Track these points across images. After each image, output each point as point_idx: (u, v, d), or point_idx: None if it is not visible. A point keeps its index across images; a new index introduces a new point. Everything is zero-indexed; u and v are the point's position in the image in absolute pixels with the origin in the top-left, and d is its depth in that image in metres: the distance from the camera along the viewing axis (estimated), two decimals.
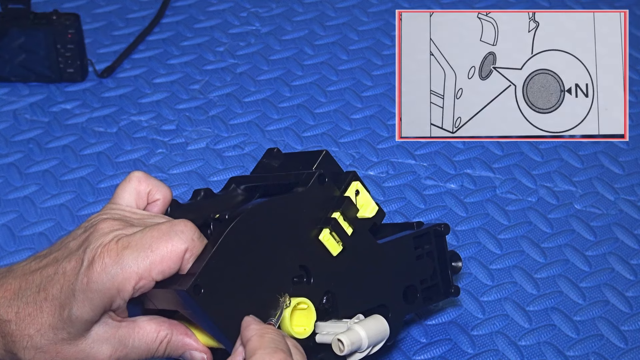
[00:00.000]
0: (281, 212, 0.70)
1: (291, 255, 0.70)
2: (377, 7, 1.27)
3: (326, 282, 0.72)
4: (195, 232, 0.66)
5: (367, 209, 0.76)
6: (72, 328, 0.64)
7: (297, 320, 0.70)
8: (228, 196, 0.77)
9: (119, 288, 0.64)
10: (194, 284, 0.64)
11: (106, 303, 0.64)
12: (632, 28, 1.25)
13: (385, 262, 0.77)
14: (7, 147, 1.06)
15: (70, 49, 1.11)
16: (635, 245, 0.96)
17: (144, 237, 0.64)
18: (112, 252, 0.64)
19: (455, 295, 0.83)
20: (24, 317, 0.65)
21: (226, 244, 0.66)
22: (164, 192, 0.71)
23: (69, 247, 0.66)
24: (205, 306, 0.65)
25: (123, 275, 0.63)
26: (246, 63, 1.18)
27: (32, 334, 0.65)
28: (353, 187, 0.75)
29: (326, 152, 0.76)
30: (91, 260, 0.64)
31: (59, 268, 0.65)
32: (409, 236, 0.80)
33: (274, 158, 0.80)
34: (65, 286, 0.64)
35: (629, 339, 0.87)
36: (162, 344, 0.68)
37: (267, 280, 0.68)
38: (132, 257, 0.64)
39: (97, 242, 0.64)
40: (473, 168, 1.04)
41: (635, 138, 1.09)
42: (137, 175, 0.71)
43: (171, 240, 0.64)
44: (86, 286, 0.63)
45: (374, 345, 0.72)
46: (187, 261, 0.65)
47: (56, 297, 0.64)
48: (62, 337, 0.65)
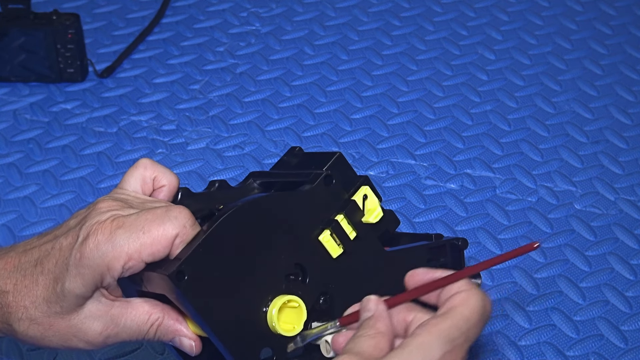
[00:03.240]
0: (280, 208, 0.70)
1: (287, 252, 0.70)
2: (377, 7, 1.27)
3: (323, 283, 0.72)
4: (189, 220, 0.67)
5: (372, 214, 0.76)
6: (65, 302, 0.66)
7: (286, 318, 0.70)
8: (242, 189, 0.77)
9: (109, 266, 0.65)
10: (177, 270, 0.65)
11: (97, 279, 0.66)
12: (632, 28, 1.25)
13: (392, 270, 0.76)
14: (7, 147, 1.06)
15: (70, 49, 1.11)
16: (635, 245, 0.96)
17: (139, 218, 0.66)
18: (105, 230, 0.65)
19: None
20: (20, 289, 0.67)
21: (217, 234, 0.67)
22: (170, 178, 0.73)
23: (68, 224, 0.68)
24: (188, 293, 0.65)
25: (113, 253, 0.65)
26: (246, 63, 1.18)
27: (27, 306, 0.66)
28: (362, 191, 0.75)
29: (340, 154, 0.76)
30: (86, 236, 0.65)
31: (56, 243, 0.67)
32: (421, 247, 0.79)
33: (294, 156, 0.80)
34: (60, 260, 0.66)
35: (629, 339, 0.87)
36: (152, 327, 0.69)
37: (258, 275, 0.69)
38: (124, 236, 0.65)
39: (94, 220, 0.66)
40: (473, 168, 1.04)
41: (635, 138, 1.09)
42: (143, 162, 0.72)
43: (163, 224, 0.65)
44: (79, 261, 0.65)
45: None
46: (177, 247, 0.66)
47: (51, 271, 0.66)
48: (55, 310, 0.66)
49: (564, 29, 1.24)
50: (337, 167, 0.76)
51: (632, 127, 1.10)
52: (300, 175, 0.75)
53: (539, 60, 1.19)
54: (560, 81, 1.16)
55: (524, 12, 1.27)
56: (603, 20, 1.26)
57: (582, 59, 1.19)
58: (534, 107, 1.12)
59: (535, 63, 1.19)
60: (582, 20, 1.26)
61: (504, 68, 1.18)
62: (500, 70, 1.17)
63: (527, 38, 1.22)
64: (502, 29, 1.24)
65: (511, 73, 1.17)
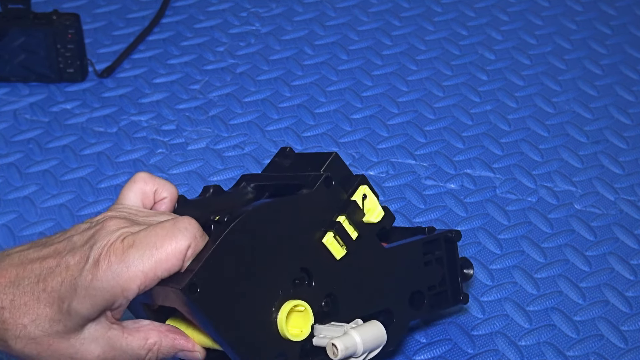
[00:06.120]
0: (284, 214, 0.70)
1: (293, 257, 0.70)
2: (377, 7, 1.27)
3: (328, 286, 0.72)
4: (198, 229, 0.66)
5: (373, 213, 0.76)
6: (70, 322, 0.65)
7: (293, 323, 0.70)
8: (237, 194, 0.77)
9: (123, 287, 0.64)
10: (190, 283, 0.64)
11: (108, 301, 0.65)
12: (632, 28, 1.25)
13: (391, 267, 0.76)
14: (7, 147, 1.06)
15: (70, 49, 1.11)
16: (635, 245, 0.96)
17: (148, 235, 0.65)
18: (117, 251, 0.64)
19: (464, 302, 0.82)
20: (19, 306, 0.65)
21: (225, 244, 0.66)
22: (170, 190, 0.72)
23: (72, 241, 0.67)
24: (201, 305, 0.65)
25: (128, 274, 0.64)
26: (246, 63, 1.18)
27: (26, 324, 0.65)
28: (361, 191, 0.75)
29: (335, 154, 0.76)
30: (97, 258, 0.64)
31: (62, 261, 0.65)
32: (417, 242, 0.79)
33: (285, 157, 0.80)
34: (67, 280, 0.64)
35: (629, 339, 0.87)
36: (151, 352, 0.68)
37: (267, 281, 0.68)
38: (137, 255, 0.64)
39: (104, 241, 0.65)
40: (473, 168, 1.04)
41: (635, 138, 1.09)
42: (142, 176, 0.72)
43: (175, 237, 0.65)
44: (90, 283, 0.64)
45: (370, 352, 0.72)
46: (189, 258, 0.66)
47: (55, 290, 0.65)
48: (57, 329, 0.65)
49: (564, 29, 1.24)
50: (334, 167, 0.75)
51: (632, 127, 1.10)
52: (296, 177, 0.75)
53: (539, 60, 1.19)
54: (560, 81, 1.16)
55: (524, 12, 1.27)
56: (603, 20, 1.26)
57: (582, 59, 1.19)
58: (534, 107, 1.12)
59: (535, 63, 1.19)
60: (582, 20, 1.26)
61: (504, 68, 1.18)
62: (500, 70, 1.17)
63: (527, 38, 1.22)
64: (502, 29, 1.24)
65: (511, 73, 1.17)
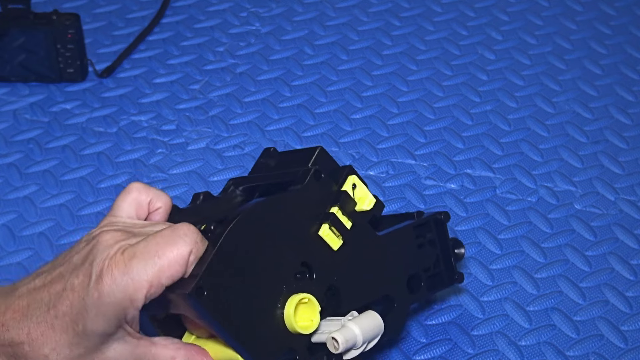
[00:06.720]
0: (279, 210, 0.70)
1: (292, 252, 0.70)
2: (377, 7, 1.27)
3: (329, 277, 0.72)
4: (197, 234, 0.66)
5: (364, 201, 0.76)
6: (89, 342, 0.64)
7: (301, 315, 0.70)
8: (227, 198, 0.77)
9: (132, 298, 0.64)
10: (196, 287, 0.65)
11: (120, 314, 0.64)
12: (632, 28, 1.25)
13: (387, 253, 0.77)
14: (7, 147, 1.06)
15: (70, 49, 1.11)
16: (635, 245, 0.96)
17: (149, 244, 0.64)
18: (119, 264, 0.63)
19: (459, 282, 0.84)
20: (36, 337, 0.64)
21: (226, 245, 0.67)
22: (164, 199, 0.72)
23: (72, 261, 0.66)
24: (209, 307, 0.65)
25: (134, 285, 0.63)
26: (246, 63, 1.18)
27: (47, 354, 0.64)
28: (350, 181, 0.76)
29: (321, 148, 0.77)
30: (99, 274, 0.63)
31: (67, 284, 0.64)
32: (409, 226, 0.81)
33: (270, 157, 0.80)
34: (76, 302, 0.64)
35: (629, 339, 0.87)
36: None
37: (269, 278, 0.69)
38: (140, 266, 0.63)
39: (103, 255, 0.64)
40: (473, 168, 1.04)
41: (635, 138, 1.09)
42: (136, 186, 0.71)
43: (176, 244, 0.65)
44: (97, 300, 0.63)
45: (369, 342, 0.73)
46: (191, 264, 0.65)
47: (66, 314, 0.64)
48: (79, 352, 0.64)
49: (564, 29, 1.24)
50: (321, 161, 0.76)
51: (632, 127, 1.10)
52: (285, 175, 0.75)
53: (539, 60, 1.19)
54: (560, 81, 1.16)
55: (524, 12, 1.27)
56: (603, 20, 1.26)
57: (582, 59, 1.19)
58: (534, 107, 1.12)
59: (535, 63, 1.19)
60: (582, 20, 1.26)
61: (504, 68, 1.18)
62: (500, 70, 1.17)
63: (527, 38, 1.22)
64: (502, 29, 1.24)
65: (511, 73, 1.17)
